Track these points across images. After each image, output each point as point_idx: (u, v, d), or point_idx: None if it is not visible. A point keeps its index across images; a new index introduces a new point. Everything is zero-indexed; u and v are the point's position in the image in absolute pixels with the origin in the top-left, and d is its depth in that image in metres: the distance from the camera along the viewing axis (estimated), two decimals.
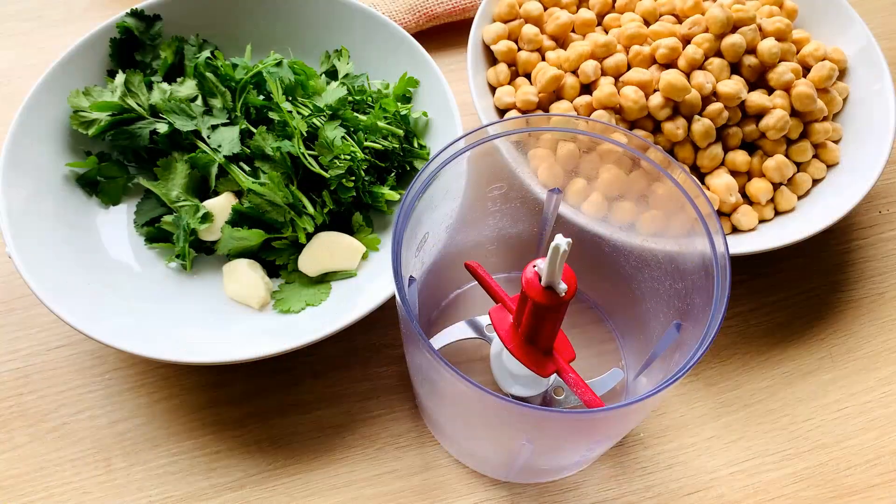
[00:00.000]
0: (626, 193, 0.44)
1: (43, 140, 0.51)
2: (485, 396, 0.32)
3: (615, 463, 0.48)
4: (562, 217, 0.46)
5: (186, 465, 0.47)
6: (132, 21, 0.55)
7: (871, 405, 0.50)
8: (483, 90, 0.54)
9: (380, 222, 0.53)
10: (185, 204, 0.50)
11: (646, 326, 0.46)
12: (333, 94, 0.53)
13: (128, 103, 0.52)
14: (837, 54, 0.56)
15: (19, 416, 0.49)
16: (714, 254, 0.36)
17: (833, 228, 0.56)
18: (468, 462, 0.47)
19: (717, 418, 0.50)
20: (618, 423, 0.39)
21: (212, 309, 0.49)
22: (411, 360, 0.42)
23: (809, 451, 0.49)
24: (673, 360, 0.39)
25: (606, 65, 0.52)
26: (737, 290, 0.54)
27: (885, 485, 0.48)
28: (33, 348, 0.51)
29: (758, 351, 0.52)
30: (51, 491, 0.46)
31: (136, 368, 0.50)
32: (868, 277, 0.56)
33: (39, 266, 0.46)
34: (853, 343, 0.53)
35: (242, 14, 0.58)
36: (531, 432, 0.38)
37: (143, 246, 0.52)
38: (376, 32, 0.57)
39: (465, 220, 0.45)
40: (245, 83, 0.52)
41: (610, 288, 0.49)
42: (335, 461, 0.47)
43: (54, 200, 0.51)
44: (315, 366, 0.51)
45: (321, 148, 0.49)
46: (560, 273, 0.34)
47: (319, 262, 0.50)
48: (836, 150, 0.54)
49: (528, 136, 0.42)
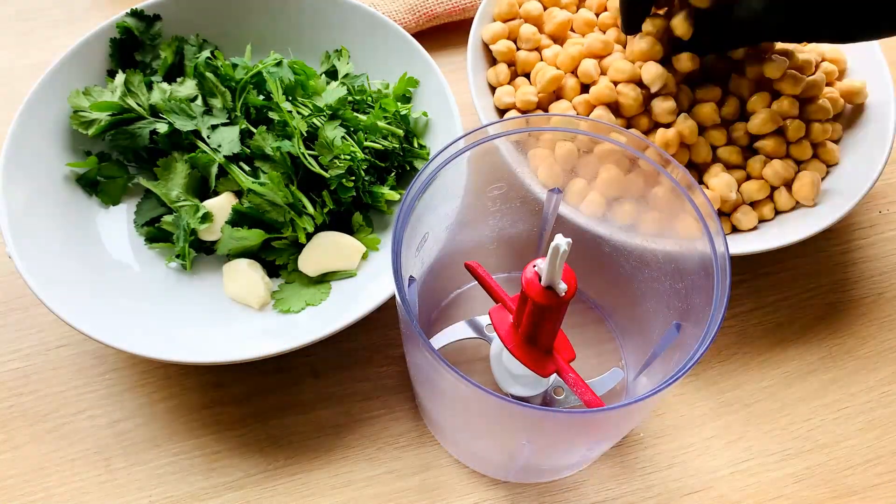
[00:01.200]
0: (626, 193, 0.44)
1: (43, 140, 0.51)
2: (485, 396, 0.32)
3: (615, 463, 0.48)
4: (562, 217, 0.46)
5: (186, 465, 0.47)
6: (132, 21, 0.55)
7: (871, 405, 0.50)
8: (483, 90, 0.54)
9: (380, 222, 0.53)
10: (185, 204, 0.50)
11: (646, 326, 0.46)
12: (333, 94, 0.53)
13: (128, 103, 0.52)
14: (837, 54, 0.56)
15: (19, 416, 0.49)
16: (714, 254, 0.36)
17: (833, 228, 0.56)
18: (468, 462, 0.47)
19: (717, 418, 0.50)
20: (618, 423, 0.39)
21: (212, 309, 0.49)
22: (411, 360, 0.42)
23: (809, 451, 0.49)
24: (673, 360, 0.39)
25: (605, 64, 0.53)
26: (737, 290, 0.54)
27: (885, 485, 0.48)
28: (33, 348, 0.51)
29: (758, 351, 0.52)
30: (51, 491, 0.46)
31: (136, 368, 0.50)
32: (868, 277, 0.56)
33: (39, 266, 0.46)
34: (853, 343, 0.53)
35: (242, 14, 0.58)
36: (531, 432, 0.38)
37: (143, 246, 0.52)
38: (376, 32, 0.57)
39: (465, 220, 0.45)
40: (245, 83, 0.52)
41: (610, 288, 0.49)
42: (335, 461, 0.47)
43: (54, 200, 0.51)
44: (315, 366, 0.51)
45: (321, 148, 0.49)
46: (560, 273, 0.34)
47: (319, 262, 0.50)
48: (836, 150, 0.54)
49: (528, 136, 0.42)
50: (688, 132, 0.50)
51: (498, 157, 0.43)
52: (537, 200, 0.46)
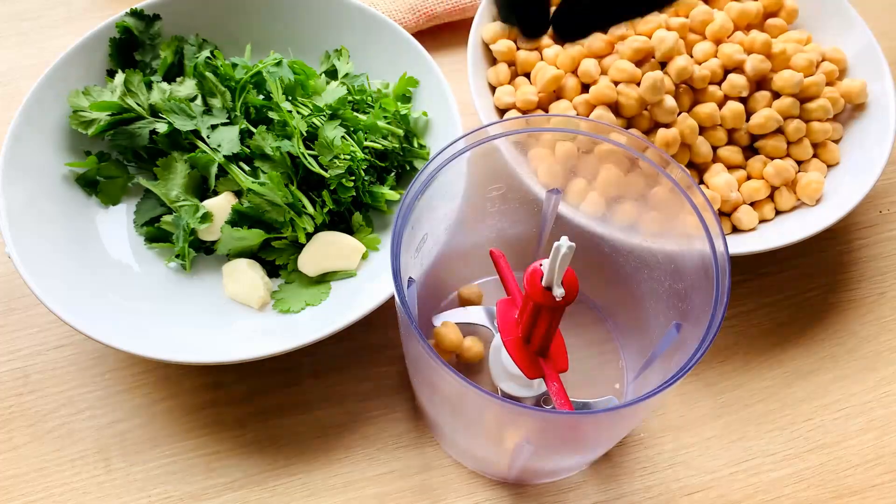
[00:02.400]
0: (626, 193, 0.44)
1: (43, 140, 0.51)
2: (484, 398, 0.32)
3: (615, 463, 0.48)
4: (561, 217, 0.46)
5: (186, 465, 0.47)
6: (132, 21, 0.55)
7: (872, 405, 0.50)
8: (483, 90, 0.54)
9: (380, 222, 0.53)
10: (185, 204, 0.50)
11: (646, 326, 0.46)
12: (333, 94, 0.53)
13: (127, 103, 0.52)
14: (837, 54, 0.56)
15: (19, 416, 0.49)
16: (714, 254, 0.36)
17: (833, 228, 0.56)
18: (468, 462, 0.47)
19: (717, 418, 0.50)
20: (617, 424, 0.39)
21: (212, 309, 0.49)
22: (411, 360, 0.42)
23: (809, 451, 0.49)
24: (673, 360, 0.39)
25: (605, 64, 0.52)
26: (737, 290, 0.54)
27: (885, 485, 0.48)
28: (33, 348, 0.51)
29: (758, 351, 0.52)
30: (51, 491, 0.46)
31: (135, 368, 0.50)
32: (868, 277, 0.56)
33: (39, 266, 0.46)
34: (854, 343, 0.53)
35: (242, 14, 0.58)
36: (531, 433, 0.38)
37: (142, 246, 0.52)
38: (376, 32, 0.56)
39: (464, 220, 0.45)
40: (245, 83, 0.52)
41: (610, 288, 0.49)
42: (335, 461, 0.47)
43: (54, 200, 0.51)
44: (315, 366, 0.51)
45: (321, 148, 0.49)
46: (560, 275, 0.34)
47: (319, 262, 0.50)
48: (836, 150, 0.54)
49: (528, 136, 0.42)
50: (688, 132, 0.50)
51: (498, 158, 0.43)
52: (537, 201, 0.46)
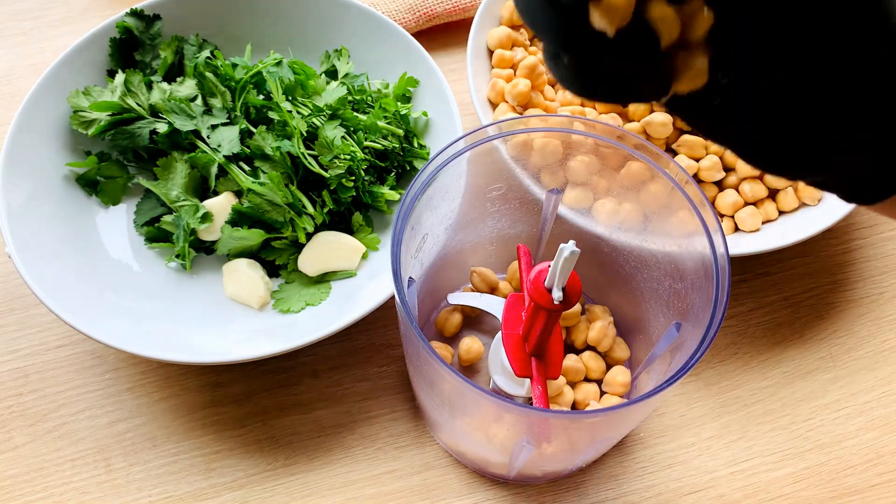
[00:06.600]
0: (625, 193, 0.44)
1: (43, 140, 0.51)
2: (484, 397, 0.32)
3: (615, 463, 0.48)
4: (561, 217, 0.46)
5: (186, 465, 0.47)
6: (132, 21, 0.55)
7: (871, 405, 0.50)
8: (483, 90, 0.54)
9: (380, 222, 0.53)
10: (185, 204, 0.50)
11: (646, 326, 0.46)
12: (333, 94, 0.53)
13: (127, 103, 0.52)
14: None
15: (19, 416, 0.49)
16: (714, 254, 0.36)
17: (833, 228, 0.56)
18: (468, 462, 0.47)
19: (717, 418, 0.50)
20: (617, 423, 0.39)
21: (212, 309, 0.49)
22: (410, 360, 0.42)
23: (809, 451, 0.49)
24: (673, 360, 0.39)
25: None
26: (737, 290, 0.54)
27: (885, 485, 0.48)
28: (33, 348, 0.51)
29: (758, 351, 0.52)
30: (50, 491, 0.46)
31: (136, 368, 0.50)
32: (868, 277, 0.56)
33: (39, 266, 0.46)
34: (853, 343, 0.53)
35: (242, 14, 0.58)
36: (530, 433, 0.38)
37: (142, 246, 0.52)
38: (376, 32, 0.56)
39: (464, 220, 0.45)
40: (245, 83, 0.52)
41: (610, 288, 0.49)
42: (335, 461, 0.47)
43: (54, 200, 0.51)
44: (315, 366, 0.51)
45: (321, 148, 0.49)
46: (562, 279, 0.34)
47: (319, 261, 0.50)
48: None
49: (528, 136, 0.42)
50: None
51: (498, 158, 0.43)
52: (536, 201, 0.46)
